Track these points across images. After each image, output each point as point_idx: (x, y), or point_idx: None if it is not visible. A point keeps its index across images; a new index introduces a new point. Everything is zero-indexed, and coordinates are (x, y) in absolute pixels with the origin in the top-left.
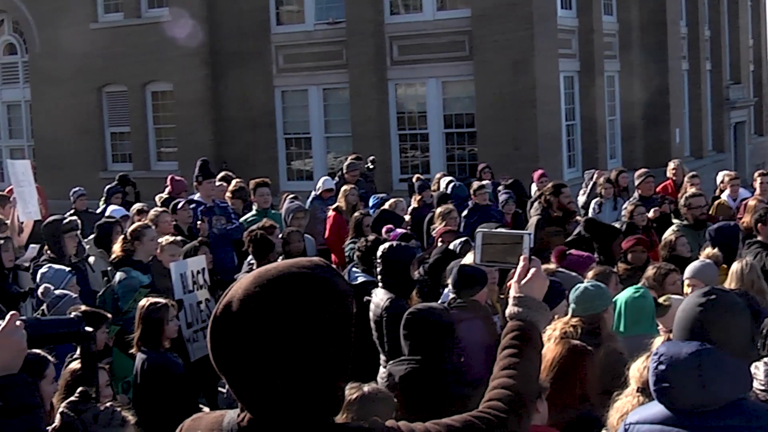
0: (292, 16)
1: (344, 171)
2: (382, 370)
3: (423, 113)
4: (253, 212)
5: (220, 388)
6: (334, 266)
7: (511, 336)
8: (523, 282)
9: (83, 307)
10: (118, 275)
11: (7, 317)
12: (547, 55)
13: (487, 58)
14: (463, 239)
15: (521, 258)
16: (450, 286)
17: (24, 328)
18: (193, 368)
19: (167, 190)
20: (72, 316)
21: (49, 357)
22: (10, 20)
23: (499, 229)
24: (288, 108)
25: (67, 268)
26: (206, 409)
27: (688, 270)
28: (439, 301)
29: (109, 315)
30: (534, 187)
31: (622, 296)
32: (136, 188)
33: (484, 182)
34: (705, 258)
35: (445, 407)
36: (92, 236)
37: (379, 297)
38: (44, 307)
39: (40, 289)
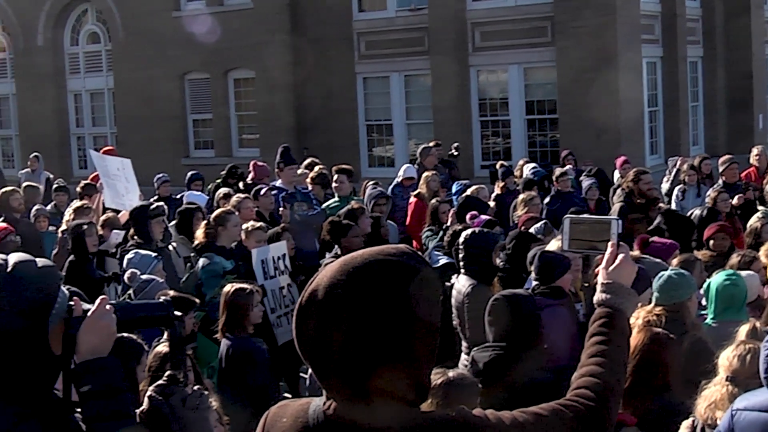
0: (374, 2)
1: (420, 157)
2: (464, 356)
3: (505, 99)
4: (336, 198)
5: (302, 374)
6: (419, 253)
7: (599, 323)
8: (611, 268)
9: (171, 293)
10: (201, 261)
11: (97, 301)
12: (629, 41)
13: (570, 44)
14: (542, 222)
15: (609, 244)
16: (533, 273)
17: (113, 312)
18: (275, 353)
19: (250, 176)
20: (161, 300)
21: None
22: (93, 10)
23: (586, 216)
24: (369, 94)
25: (153, 254)
26: (287, 395)
27: None
28: (524, 288)
29: (196, 300)
30: (617, 174)
31: (713, 282)
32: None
33: (566, 169)
34: None
35: (529, 394)
36: (174, 222)
37: (461, 283)
38: (130, 291)
39: (127, 274)
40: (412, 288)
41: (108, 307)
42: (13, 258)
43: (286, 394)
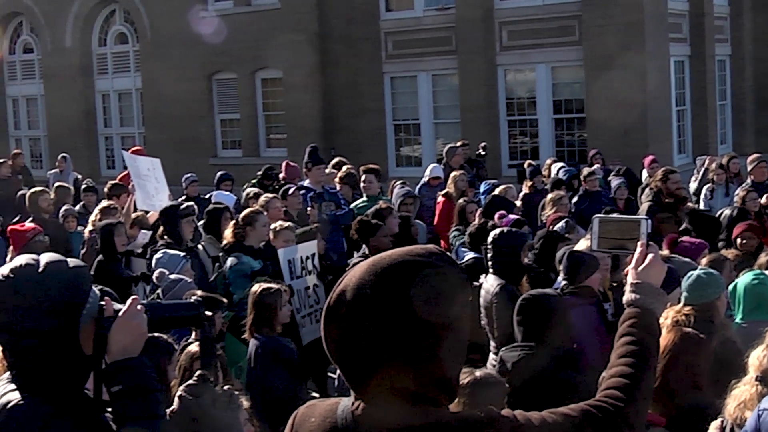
0: (402, 2)
1: (446, 157)
2: (491, 356)
3: (532, 99)
4: (364, 198)
5: (329, 374)
6: (448, 253)
7: (629, 323)
8: (640, 268)
9: (199, 292)
10: (230, 261)
11: (129, 301)
12: (657, 40)
13: (597, 43)
14: (564, 221)
15: (639, 244)
16: (562, 272)
17: (144, 312)
18: (302, 353)
19: (281, 176)
20: (192, 300)
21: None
22: (121, 10)
23: (615, 215)
24: (397, 94)
25: (182, 253)
26: (315, 395)
27: None
28: (552, 288)
29: (225, 300)
30: (644, 173)
31: (741, 282)
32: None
33: (594, 168)
34: None
35: (558, 394)
36: (202, 222)
37: (490, 283)
38: (159, 291)
39: (156, 274)
40: (439, 288)
41: (139, 307)
42: (45, 258)
43: (314, 394)
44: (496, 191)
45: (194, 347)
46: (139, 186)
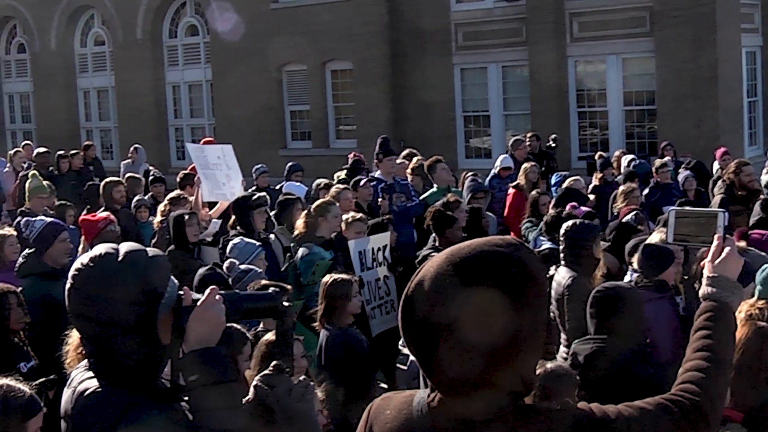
0: None
1: (511, 149)
2: (562, 348)
3: (602, 90)
4: (434, 189)
5: (399, 365)
6: (526, 244)
7: (705, 317)
8: (717, 262)
9: (263, 282)
10: (301, 251)
11: (207, 291)
12: (728, 31)
13: (668, 34)
14: (634, 213)
15: (715, 237)
16: (636, 265)
17: (223, 302)
18: (372, 344)
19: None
20: (270, 291)
21: (248, 333)
22: (192, 2)
23: (691, 208)
24: (467, 86)
25: (257, 242)
26: (383, 385)
27: None
28: (625, 280)
29: (289, 287)
30: (715, 165)
31: None
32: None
33: (666, 160)
34: None
35: (630, 388)
36: (273, 212)
37: (561, 275)
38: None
39: (226, 264)
40: (518, 279)
41: (218, 297)
42: (125, 247)
43: (382, 385)
44: (565, 183)
45: (271, 336)
46: (206, 177)
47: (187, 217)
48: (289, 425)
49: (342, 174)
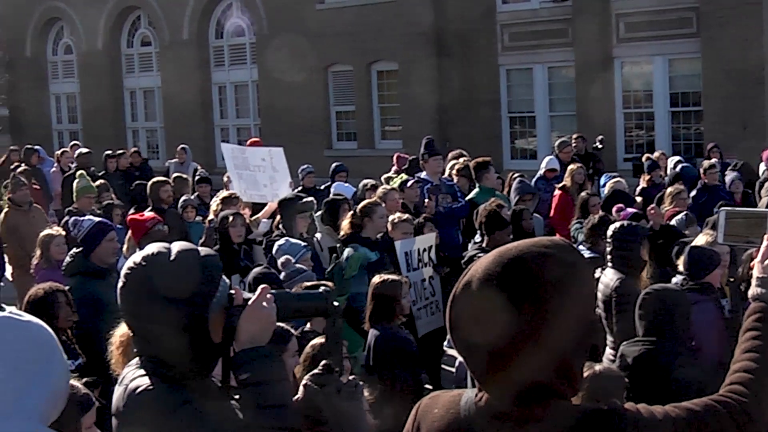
0: None
1: (557, 150)
2: (608, 350)
3: (649, 92)
4: (477, 190)
5: (443, 366)
6: (574, 245)
7: (754, 318)
8: (766, 262)
9: (305, 283)
10: (347, 251)
11: (258, 290)
12: None
13: (715, 34)
14: (683, 214)
15: (765, 237)
16: (682, 268)
17: (273, 301)
18: (418, 344)
19: (393, 169)
20: (321, 290)
21: (292, 330)
22: (238, 3)
23: (742, 208)
24: (512, 86)
25: (303, 243)
26: (428, 386)
27: None
28: (672, 282)
29: (330, 284)
30: (762, 167)
31: None
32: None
33: (713, 161)
34: None
35: (678, 390)
36: (319, 213)
37: (609, 277)
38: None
39: (281, 260)
40: (566, 280)
41: (269, 296)
42: (176, 247)
43: (427, 386)
44: (608, 185)
45: (320, 338)
46: (240, 177)
47: (230, 218)
48: (338, 424)
49: (395, 177)
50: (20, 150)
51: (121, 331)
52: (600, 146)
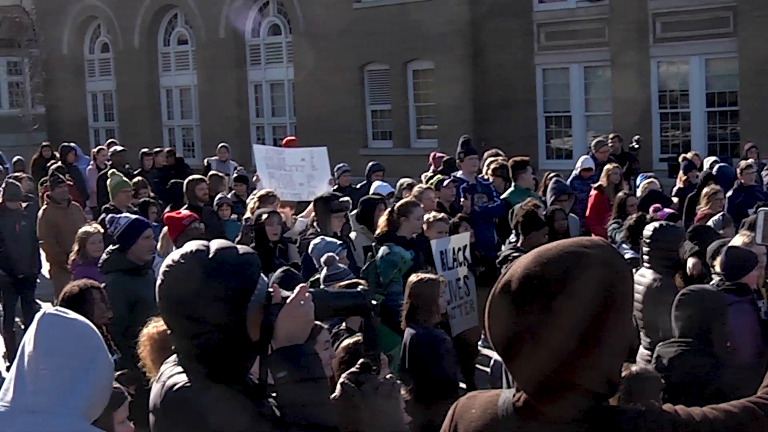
0: None
1: (593, 150)
2: (643, 351)
3: (685, 92)
4: (512, 189)
5: (478, 366)
6: (614, 245)
7: None
8: None
9: (339, 283)
10: (382, 250)
11: (297, 288)
12: None
13: (752, 34)
14: (720, 214)
15: None
16: (718, 268)
17: (312, 300)
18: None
19: (431, 168)
20: (359, 289)
21: (323, 324)
22: (275, 2)
23: None
24: (548, 86)
25: (338, 241)
26: (462, 385)
27: None
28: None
29: (363, 282)
30: None
31: None
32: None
33: (750, 161)
34: None
35: (714, 391)
36: (354, 212)
37: (646, 277)
38: (319, 276)
39: (324, 257)
40: (606, 280)
41: (307, 294)
42: (215, 244)
43: (461, 385)
44: (641, 185)
45: (358, 336)
46: (271, 176)
47: (265, 216)
48: (375, 423)
49: (431, 175)
50: (53, 146)
51: (151, 327)
52: (636, 146)
